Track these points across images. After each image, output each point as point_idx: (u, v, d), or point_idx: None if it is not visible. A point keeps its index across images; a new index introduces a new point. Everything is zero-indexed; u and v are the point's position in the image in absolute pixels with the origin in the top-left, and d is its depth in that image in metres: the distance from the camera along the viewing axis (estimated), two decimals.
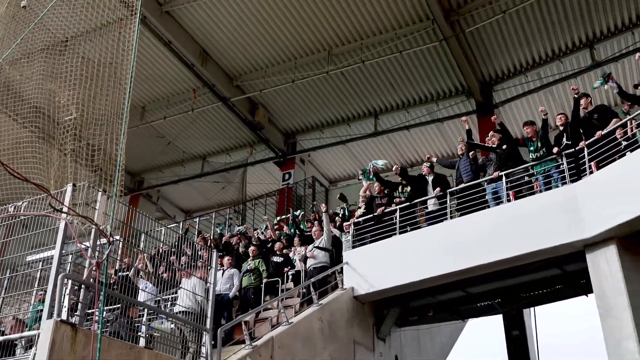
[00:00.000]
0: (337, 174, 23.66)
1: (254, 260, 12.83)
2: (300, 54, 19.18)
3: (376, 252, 11.71)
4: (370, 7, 17.43)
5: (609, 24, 17.06)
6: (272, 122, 21.72)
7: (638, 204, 8.55)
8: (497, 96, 19.16)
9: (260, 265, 12.71)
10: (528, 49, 18.07)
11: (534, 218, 9.82)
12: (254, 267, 12.67)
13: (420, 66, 18.91)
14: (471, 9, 17.16)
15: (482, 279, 10.87)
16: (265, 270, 12.64)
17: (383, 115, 20.78)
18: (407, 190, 12.12)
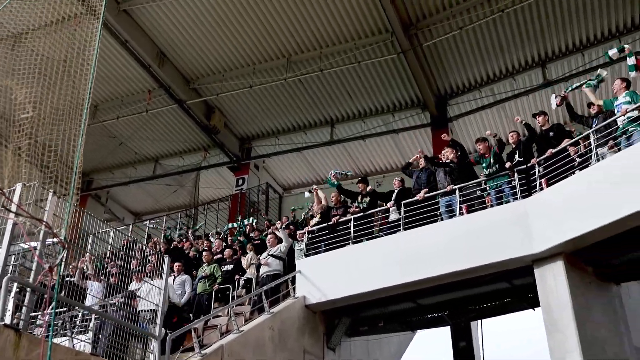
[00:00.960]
0: (291, 181, 23.61)
1: (210, 266, 12.67)
2: (259, 60, 19.12)
3: (329, 261, 11.71)
4: (330, 17, 17.54)
5: (560, 44, 17.60)
6: (227, 127, 21.55)
7: (584, 221, 8.78)
8: (451, 110, 19.50)
9: (216, 271, 12.57)
10: (483, 66, 18.47)
11: (485, 232, 9.98)
12: (210, 273, 12.50)
13: (378, 77, 19.09)
14: (429, 24, 17.47)
15: (432, 290, 10.98)
16: (220, 276, 12.48)
17: (339, 124, 20.87)
18: (366, 200, 12.17)
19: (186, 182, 23.49)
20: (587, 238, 8.91)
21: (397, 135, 20.62)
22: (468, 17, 17.02)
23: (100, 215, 22.14)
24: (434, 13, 17.37)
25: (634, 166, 8.37)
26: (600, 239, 8.90)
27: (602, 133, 9.40)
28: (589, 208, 8.76)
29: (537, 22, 17.05)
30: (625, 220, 8.37)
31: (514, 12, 16.73)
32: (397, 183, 12.39)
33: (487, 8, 16.78)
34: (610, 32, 17.05)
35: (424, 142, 20.40)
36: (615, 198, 8.43)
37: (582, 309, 9.01)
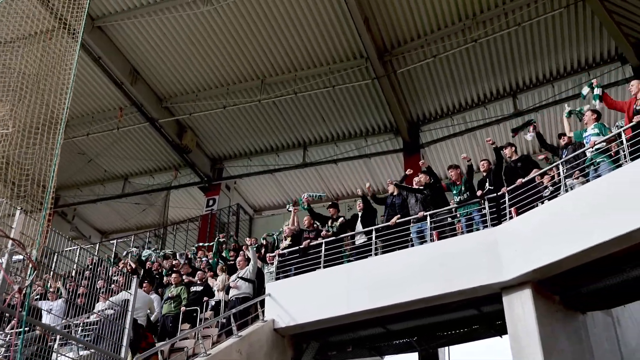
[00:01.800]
0: (262, 202, 23.49)
1: (177, 287, 12.50)
2: (234, 81, 19.13)
3: (299, 285, 11.62)
4: (306, 40, 17.70)
5: (531, 75, 17.98)
6: (199, 147, 21.42)
7: (552, 250, 8.89)
8: (423, 137, 19.69)
9: (182, 293, 12.38)
10: (455, 94, 18.75)
11: (455, 259, 10.03)
12: (176, 295, 12.33)
13: (352, 102, 19.24)
14: (404, 51, 17.73)
15: (402, 316, 10.95)
16: (186, 299, 12.30)
17: (312, 147, 20.91)
18: (336, 224, 12.15)
19: (156, 201, 23.22)
20: (554, 267, 9.01)
21: (369, 160, 20.72)
22: (442, 45, 17.33)
23: (66, 232, 21.69)
24: (408, 40, 17.65)
25: (601, 197, 8.53)
26: (568, 268, 9.02)
27: (571, 164, 9.59)
28: (556, 238, 8.88)
29: (509, 53, 17.42)
30: (591, 251, 8.51)
31: (486, 42, 17.10)
32: (360, 206, 12.39)
33: (460, 37, 17.13)
34: (580, 65, 17.49)
35: (395, 168, 20.53)
36: (583, 228, 8.56)
37: (548, 337, 9.08)
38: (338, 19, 17.21)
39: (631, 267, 9.20)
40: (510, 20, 16.48)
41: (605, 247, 8.43)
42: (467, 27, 16.99)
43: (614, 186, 8.47)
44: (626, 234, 8.10)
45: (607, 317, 11.06)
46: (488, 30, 16.79)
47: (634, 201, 8.08)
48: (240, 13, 17.12)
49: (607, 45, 16.95)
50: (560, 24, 16.56)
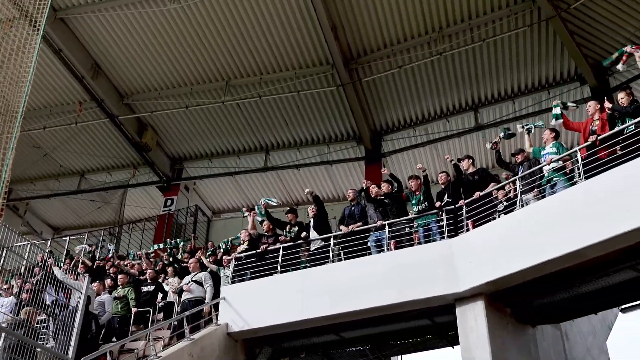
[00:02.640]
0: (221, 205, 23.23)
1: (124, 288, 12.28)
2: (198, 81, 18.95)
3: (255, 289, 11.51)
4: (273, 44, 17.68)
5: (493, 91, 18.29)
6: (160, 145, 21.10)
7: (506, 264, 9.02)
8: (385, 146, 19.81)
9: (129, 294, 12.17)
10: (419, 105, 18.93)
11: (411, 269, 10.08)
12: (123, 295, 12.11)
13: (316, 108, 19.25)
14: (370, 60, 17.86)
15: (356, 324, 10.95)
16: (134, 300, 12.08)
17: (274, 151, 20.82)
18: (294, 230, 12.09)
19: (112, 199, 22.76)
20: (507, 280, 9.15)
21: (330, 167, 20.75)
22: (408, 56, 17.51)
23: (16, 227, 21.09)
24: (375, 50, 17.79)
25: (554, 214, 8.70)
26: (520, 282, 9.17)
27: (527, 180, 9.76)
28: (510, 251, 9.02)
29: (473, 67, 17.70)
30: (543, 266, 8.67)
31: (451, 56, 17.33)
32: (313, 211, 12.36)
33: (426, 50, 17.33)
34: (540, 83, 17.86)
35: (357, 175, 20.60)
36: (536, 243, 8.71)
37: (499, 349, 9.20)
38: (306, 25, 17.24)
39: (580, 282, 9.43)
40: (475, 35, 16.76)
41: (557, 262, 8.60)
42: (432, 40, 17.23)
43: (567, 204, 8.65)
44: (576, 250, 8.28)
45: (555, 331, 11.29)
46: (453, 44, 17.04)
47: (586, 219, 8.27)
48: (208, 13, 16.99)
49: (567, 65, 17.36)
50: (523, 42, 16.91)
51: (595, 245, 8.19)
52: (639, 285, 9.52)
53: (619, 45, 15.94)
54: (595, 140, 8.93)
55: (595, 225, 8.13)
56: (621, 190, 8.00)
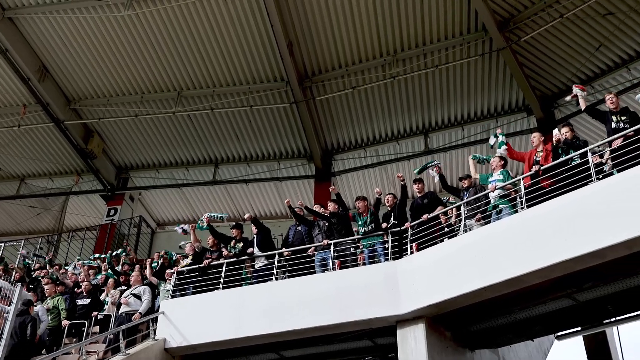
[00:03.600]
0: (166, 217, 22.75)
1: (53, 299, 11.85)
2: (149, 90, 18.66)
3: (196, 305, 11.26)
4: (227, 57, 17.62)
5: (443, 116, 18.60)
6: (105, 153, 20.57)
7: (447, 288, 9.10)
8: (336, 165, 19.86)
9: (59, 304, 11.74)
10: (370, 126, 19.08)
11: (354, 289, 10.05)
12: (53, 306, 11.67)
13: (268, 124, 19.17)
14: (324, 79, 17.98)
15: (296, 343, 10.84)
16: (65, 310, 11.65)
17: (223, 165, 20.57)
18: (238, 246, 11.90)
19: (53, 205, 21.98)
20: (448, 304, 9.23)
21: (280, 183, 20.64)
22: (362, 78, 17.69)
23: None
24: (330, 69, 17.92)
25: (497, 240, 8.84)
26: (461, 306, 9.27)
27: (472, 206, 9.90)
28: (452, 276, 9.10)
29: (425, 92, 18.00)
30: (484, 291, 8.78)
31: (404, 80, 17.60)
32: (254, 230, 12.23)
33: (380, 72, 17.56)
34: (489, 111, 18.28)
35: (306, 193, 20.55)
36: (477, 268, 8.82)
37: None
38: (262, 40, 17.23)
39: (519, 309, 9.60)
40: (428, 61, 17.07)
41: (497, 288, 8.73)
42: (387, 63, 17.47)
43: (508, 231, 8.81)
44: (516, 277, 8.42)
45: (493, 355, 11.40)
46: (407, 68, 17.32)
47: (526, 247, 8.43)
48: (163, 22, 16.80)
49: (515, 96, 17.84)
50: (475, 70, 17.31)
51: (533, 273, 8.35)
52: (574, 313, 9.77)
53: (565, 79, 16.64)
54: (539, 170, 9.14)
55: (535, 253, 8.29)
56: (560, 220, 8.20)
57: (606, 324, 10.53)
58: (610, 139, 8.66)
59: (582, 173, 8.37)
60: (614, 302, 9.50)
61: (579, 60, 16.27)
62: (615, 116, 8.76)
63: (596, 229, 7.78)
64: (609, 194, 7.86)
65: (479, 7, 15.70)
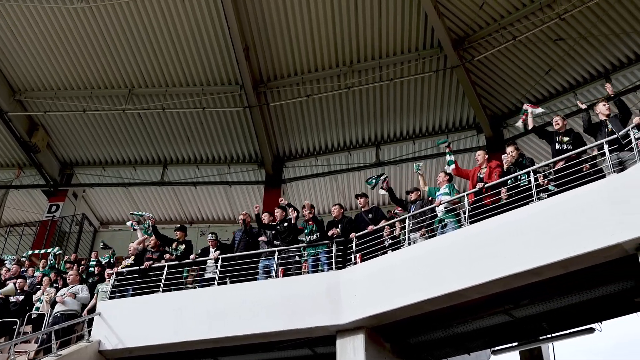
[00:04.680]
0: (110, 216, 22.19)
1: None
2: (99, 85, 18.23)
3: (134, 307, 11.03)
4: (182, 57, 17.42)
5: (395, 129, 18.75)
6: (50, 147, 19.91)
7: (388, 300, 9.16)
8: (287, 172, 19.76)
9: None
10: (323, 135, 19.08)
11: (296, 297, 10.02)
12: None
13: (220, 127, 18.96)
14: (279, 85, 17.91)
15: (236, 349, 10.73)
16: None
17: (172, 166, 20.20)
18: (180, 248, 11.69)
19: None
20: (388, 316, 9.29)
21: (229, 188, 20.42)
22: (317, 87, 17.70)
23: None
24: (285, 76, 17.88)
25: (439, 254, 8.95)
26: (401, 318, 9.33)
27: (417, 219, 9.98)
28: (394, 288, 9.17)
29: (378, 105, 18.12)
30: (424, 304, 8.86)
31: (359, 91, 17.71)
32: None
33: (335, 82, 17.62)
34: (440, 127, 18.52)
35: (255, 199, 20.41)
36: (418, 281, 8.91)
37: None
38: (218, 42, 17.08)
39: (457, 323, 9.72)
40: (383, 74, 17.22)
41: (436, 302, 8.83)
42: (342, 74, 17.55)
43: (450, 245, 8.93)
44: (455, 291, 8.53)
45: None
46: (362, 80, 17.42)
47: (466, 262, 8.55)
48: (117, 16, 16.47)
49: (466, 114, 18.14)
50: (428, 86, 17.56)
51: (473, 288, 8.48)
52: (510, 328, 9.95)
53: (515, 100, 17.03)
54: (482, 188, 9.29)
55: (475, 268, 8.42)
56: (501, 237, 8.35)
57: (542, 340, 10.78)
58: (552, 160, 8.89)
59: (525, 192, 8.56)
60: (549, 320, 9.73)
61: (529, 82, 16.68)
62: (560, 137, 8.99)
63: (534, 248, 7.95)
64: (548, 215, 8.05)
65: (435, 24, 15.94)
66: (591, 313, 9.54)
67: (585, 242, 7.52)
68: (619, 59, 15.56)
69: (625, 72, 15.60)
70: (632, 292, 8.63)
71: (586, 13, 14.70)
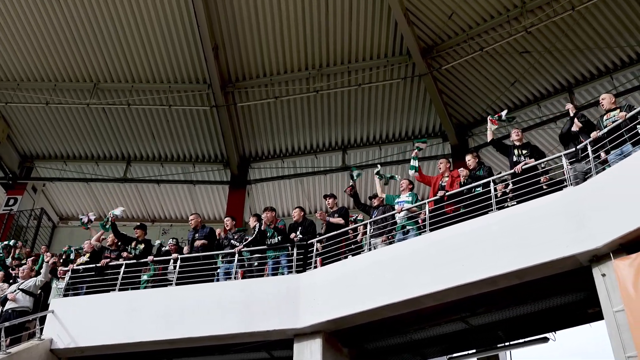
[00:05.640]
0: (70, 211, 21.66)
1: None
2: (63, 78, 17.87)
3: (89, 305, 10.78)
4: (150, 53, 17.24)
5: (362, 134, 18.81)
6: (10, 139, 19.38)
7: (346, 304, 9.16)
8: (252, 173, 19.65)
9: None
10: (290, 137, 19.02)
11: (254, 300, 9.94)
12: None
13: (186, 125, 18.75)
14: (247, 86, 17.83)
15: (192, 351, 10.59)
16: None
17: (136, 163, 19.87)
18: (140, 247, 11.50)
19: None
20: (346, 320, 9.29)
21: (193, 187, 20.20)
22: (285, 89, 17.67)
23: None
24: (254, 77, 17.80)
25: (398, 261, 8.98)
26: (359, 323, 9.34)
27: (379, 225, 10.01)
28: (353, 292, 9.17)
29: (346, 109, 18.16)
30: (382, 309, 8.87)
31: (327, 95, 17.72)
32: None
33: (304, 85, 17.59)
34: (407, 134, 18.64)
35: (219, 199, 20.25)
36: (377, 287, 8.93)
37: None
38: (187, 40, 16.91)
39: (415, 329, 9.77)
40: (352, 79, 17.26)
41: (395, 308, 8.86)
42: (311, 77, 17.53)
43: (410, 252, 8.97)
44: (414, 298, 8.57)
45: None
46: (331, 84, 17.45)
47: (424, 269, 8.61)
48: (84, 8, 16.20)
49: (432, 121, 18.30)
50: (396, 92, 17.66)
51: (431, 295, 8.53)
52: (467, 336, 10.05)
53: (480, 110, 17.26)
54: (444, 196, 9.36)
55: (433, 275, 8.47)
56: (459, 245, 8.42)
57: (498, 348, 10.90)
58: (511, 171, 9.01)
59: (484, 202, 8.65)
60: (505, 328, 9.85)
61: (495, 93, 16.91)
62: (518, 150, 9.12)
63: (491, 257, 8.04)
64: (506, 225, 8.16)
65: (405, 32, 16.05)
66: (546, 323, 9.70)
67: (540, 253, 7.63)
68: (582, 74, 15.91)
69: (588, 87, 15.97)
70: (586, 303, 8.77)
71: (552, 28, 15.00)
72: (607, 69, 15.59)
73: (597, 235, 7.25)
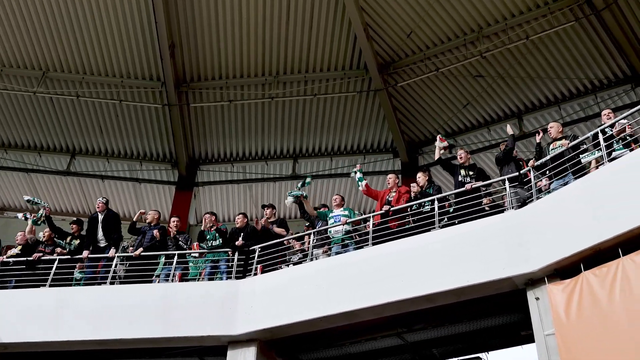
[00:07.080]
0: (8, 202, 20.73)
1: None
2: (10, 64, 17.22)
3: (15, 300, 10.32)
4: (104, 45, 16.82)
5: (314, 144, 18.76)
6: None
7: (283, 313, 9.09)
8: (200, 175, 19.32)
9: None
10: (242, 142, 18.79)
11: (191, 304, 9.75)
12: None
13: (136, 121, 18.32)
14: (202, 87, 17.59)
15: (122, 353, 10.26)
16: None
17: (81, 156, 19.24)
18: (75, 242, 11.12)
19: None
20: (283, 330, 9.22)
21: (139, 185, 19.68)
22: (240, 93, 17.51)
23: None
24: (209, 78, 17.58)
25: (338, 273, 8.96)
26: (294, 333, 9.27)
27: (321, 235, 9.96)
28: (290, 302, 9.10)
29: (300, 118, 18.08)
30: (319, 321, 8.82)
31: (282, 102, 17.63)
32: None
33: (260, 91, 17.48)
34: (359, 147, 18.67)
35: (164, 199, 19.83)
36: (315, 298, 8.89)
37: None
38: (143, 36, 16.57)
39: (351, 342, 9.73)
40: (308, 88, 17.22)
41: (332, 320, 8.83)
42: (267, 83, 17.43)
43: (351, 265, 8.96)
44: (352, 311, 8.54)
45: None
46: (286, 91, 17.38)
47: (363, 283, 8.61)
48: None
49: (385, 137, 18.41)
50: (351, 105, 17.71)
51: (369, 309, 8.54)
52: (402, 352, 10.07)
53: (432, 129, 17.49)
54: (389, 211, 9.39)
55: (372, 289, 8.47)
56: (400, 261, 8.44)
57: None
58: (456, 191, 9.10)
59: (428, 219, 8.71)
60: (439, 346, 9.92)
61: (447, 113, 17.16)
62: (464, 170, 9.23)
63: (430, 274, 8.09)
64: (447, 244, 8.24)
65: (363, 47, 16.14)
66: (480, 343, 9.81)
67: (478, 273, 7.72)
68: (531, 101, 16.31)
69: (537, 114, 16.39)
70: (519, 325, 8.89)
71: (506, 54, 15.37)
72: (556, 98, 16.03)
73: (533, 259, 7.38)
